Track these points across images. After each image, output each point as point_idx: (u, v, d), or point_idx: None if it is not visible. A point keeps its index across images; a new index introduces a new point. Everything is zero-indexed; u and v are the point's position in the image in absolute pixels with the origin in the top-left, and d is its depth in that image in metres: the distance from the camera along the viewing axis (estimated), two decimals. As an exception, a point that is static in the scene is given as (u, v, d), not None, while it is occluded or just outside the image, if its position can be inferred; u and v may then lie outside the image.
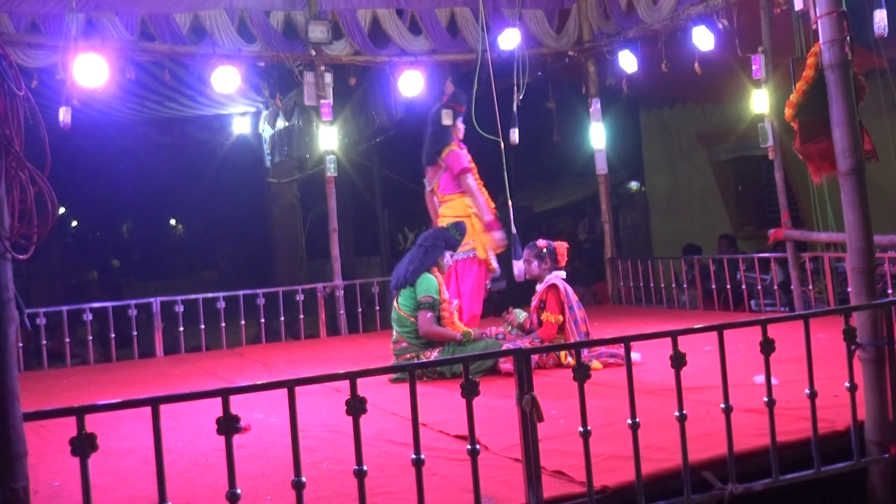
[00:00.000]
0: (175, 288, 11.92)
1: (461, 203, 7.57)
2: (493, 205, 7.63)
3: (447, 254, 6.42)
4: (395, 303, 6.30)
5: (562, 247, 6.54)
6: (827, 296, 7.80)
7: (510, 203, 6.78)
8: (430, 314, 6.11)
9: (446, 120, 7.66)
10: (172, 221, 28.46)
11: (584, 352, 5.94)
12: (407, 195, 17.08)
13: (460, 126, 7.76)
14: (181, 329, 8.60)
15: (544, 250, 6.45)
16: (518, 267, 6.59)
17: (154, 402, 2.86)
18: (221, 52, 8.81)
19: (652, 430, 3.83)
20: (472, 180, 7.58)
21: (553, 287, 6.32)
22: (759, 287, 8.69)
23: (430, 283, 6.18)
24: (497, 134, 7.65)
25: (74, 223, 23.83)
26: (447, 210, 7.60)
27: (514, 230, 6.70)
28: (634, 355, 5.55)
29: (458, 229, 6.65)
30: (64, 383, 7.19)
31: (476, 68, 7.99)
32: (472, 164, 7.66)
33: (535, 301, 6.44)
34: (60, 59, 8.14)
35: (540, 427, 3.28)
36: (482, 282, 7.49)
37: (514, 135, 8.83)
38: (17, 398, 2.71)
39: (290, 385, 3.03)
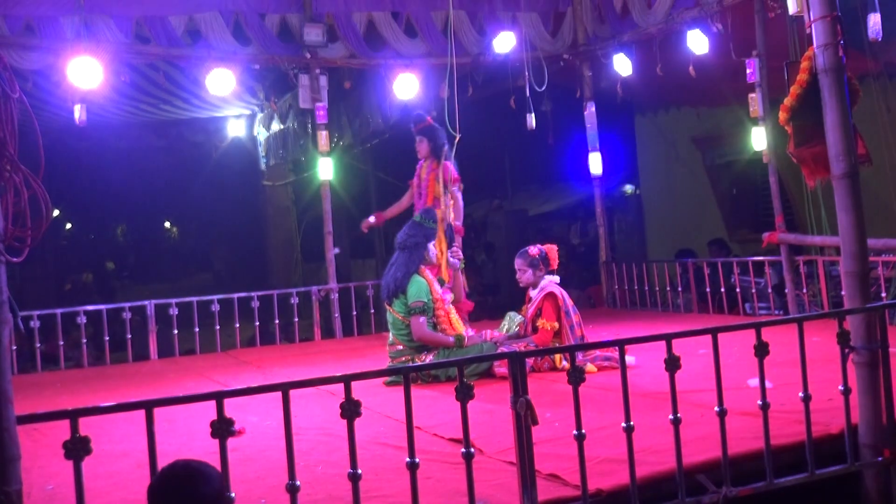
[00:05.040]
0: (169, 290, 11.92)
1: None
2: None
3: (430, 246, 6.36)
4: (389, 306, 6.28)
5: (552, 250, 6.53)
6: (821, 299, 7.81)
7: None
8: (422, 319, 6.10)
9: None
10: (167, 224, 28.41)
11: (579, 355, 5.95)
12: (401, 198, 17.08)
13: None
14: (175, 332, 8.58)
15: (537, 258, 6.44)
16: (453, 254, 6.63)
17: (148, 406, 2.86)
18: (216, 54, 8.79)
19: (646, 434, 3.83)
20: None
21: (550, 295, 6.31)
22: (754, 290, 8.70)
23: (419, 286, 6.15)
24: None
25: (69, 225, 23.77)
26: None
27: (449, 220, 6.99)
28: (629, 358, 5.55)
29: (430, 216, 6.48)
30: (58, 386, 7.17)
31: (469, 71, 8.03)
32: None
33: (531, 309, 6.41)
34: (55, 61, 8.15)
35: (534, 430, 3.28)
36: None
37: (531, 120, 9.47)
38: (10, 401, 2.71)
39: (285, 388, 3.02)
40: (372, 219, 8.39)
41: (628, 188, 16.15)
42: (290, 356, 8.06)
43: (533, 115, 9.38)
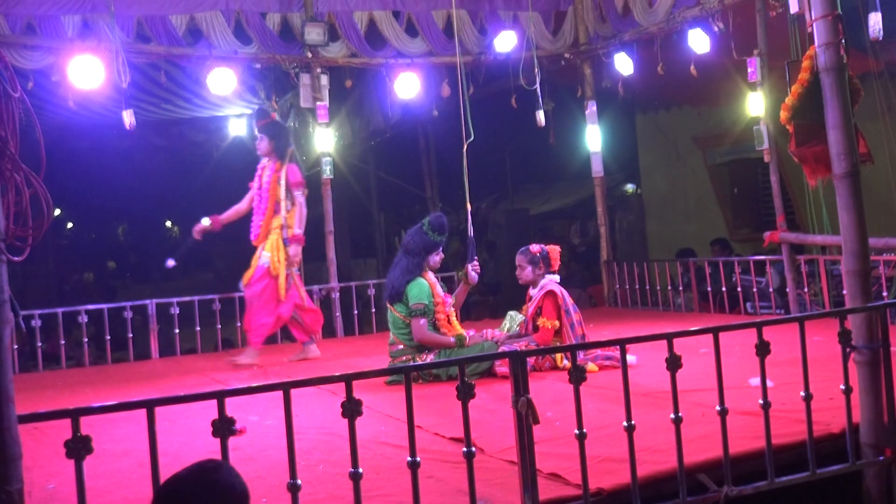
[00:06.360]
0: (170, 290, 11.91)
1: None
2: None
3: (429, 256, 6.27)
4: (390, 305, 6.28)
5: (554, 251, 6.53)
6: (822, 298, 7.81)
7: (468, 206, 6.88)
8: (422, 321, 6.09)
9: None
10: (168, 223, 28.41)
11: (580, 354, 5.95)
12: (403, 197, 17.11)
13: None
14: (176, 331, 8.59)
15: (538, 255, 6.43)
16: (474, 269, 6.52)
17: (149, 405, 2.86)
18: (217, 53, 8.80)
19: (647, 433, 3.82)
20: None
21: (550, 294, 6.31)
22: (755, 290, 8.70)
23: (420, 288, 6.14)
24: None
25: (70, 225, 23.78)
26: None
27: (470, 233, 6.80)
28: (630, 357, 5.55)
29: (436, 227, 6.31)
30: (59, 385, 7.17)
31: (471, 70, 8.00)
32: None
33: (531, 307, 6.41)
34: (56, 61, 8.16)
35: (535, 429, 3.28)
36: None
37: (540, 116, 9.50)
38: (11, 400, 2.70)
39: (286, 387, 3.02)
40: (206, 222, 7.94)
41: (629, 187, 16.15)
42: (290, 355, 8.05)
43: (542, 111, 9.38)
